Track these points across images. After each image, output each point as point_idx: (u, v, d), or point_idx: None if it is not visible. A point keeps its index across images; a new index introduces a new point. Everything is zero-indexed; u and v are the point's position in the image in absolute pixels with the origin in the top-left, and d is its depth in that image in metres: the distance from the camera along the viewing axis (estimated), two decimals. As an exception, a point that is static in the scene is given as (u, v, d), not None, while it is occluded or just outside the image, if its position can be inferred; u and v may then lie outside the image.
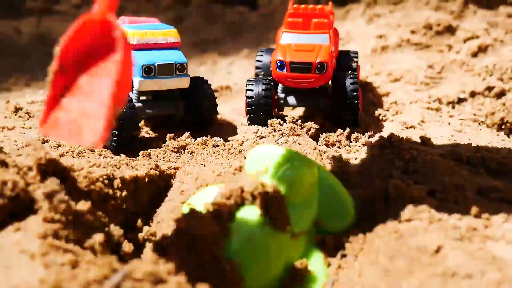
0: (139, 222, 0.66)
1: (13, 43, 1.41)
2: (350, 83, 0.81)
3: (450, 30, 1.28)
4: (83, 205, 0.58)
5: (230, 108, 0.98)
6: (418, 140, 0.81)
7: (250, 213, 0.58)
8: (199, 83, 0.83)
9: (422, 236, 0.53)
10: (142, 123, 0.88)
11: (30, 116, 0.88)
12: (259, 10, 1.72)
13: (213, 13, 1.68)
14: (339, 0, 1.50)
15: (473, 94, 1.05)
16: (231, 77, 1.16)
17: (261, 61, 0.93)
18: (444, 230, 0.53)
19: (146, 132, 0.86)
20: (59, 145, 0.74)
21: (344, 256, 0.57)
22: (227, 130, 0.86)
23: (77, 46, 0.46)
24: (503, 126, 0.96)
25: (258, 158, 0.65)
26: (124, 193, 0.65)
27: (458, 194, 0.62)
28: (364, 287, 0.53)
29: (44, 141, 0.75)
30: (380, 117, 0.91)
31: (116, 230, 0.60)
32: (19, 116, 0.87)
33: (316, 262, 0.58)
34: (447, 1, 1.40)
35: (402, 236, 0.54)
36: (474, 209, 0.58)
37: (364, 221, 0.59)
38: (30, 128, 0.83)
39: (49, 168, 0.59)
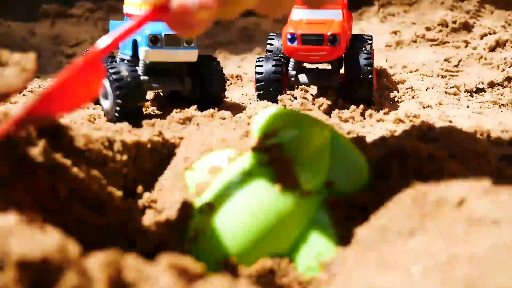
0: (140, 188, 0.62)
1: (26, 43, 1.41)
2: (364, 58, 0.78)
3: (467, 27, 1.25)
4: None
5: (240, 94, 0.95)
6: (436, 118, 0.77)
7: (256, 174, 0.54)
8: (207, 59, 0.81)
9: (442, 190, 0.48)
10: (148, 103, 0.86)
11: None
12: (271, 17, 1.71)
13: (226, 20, 1.67)
14: (353, 4, 1.49)
15: (492, 85, 1.01)
16: (242, 69, 1.13)
17: (272, 44, 0.91)
18: (468, 184, 0.49)
19: (152, 111, 0.83)
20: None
21: (356, 218, 0.53)
22: (235, 108, 0.83)
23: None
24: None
25: (265, 120, 0.61)
26: (125, 157, 0.62)
27: (481, 160, 0.58)
28: (378, 249, 0.48)
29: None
30: (396, 99, 0.87)
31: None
32: (23, 95, 0.85)
33: (325, 228, 0.53)
34: (462, 1, 1.38)
35: (420, 193, 0.50)
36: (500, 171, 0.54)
37: (378, 182, 0.55)
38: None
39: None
